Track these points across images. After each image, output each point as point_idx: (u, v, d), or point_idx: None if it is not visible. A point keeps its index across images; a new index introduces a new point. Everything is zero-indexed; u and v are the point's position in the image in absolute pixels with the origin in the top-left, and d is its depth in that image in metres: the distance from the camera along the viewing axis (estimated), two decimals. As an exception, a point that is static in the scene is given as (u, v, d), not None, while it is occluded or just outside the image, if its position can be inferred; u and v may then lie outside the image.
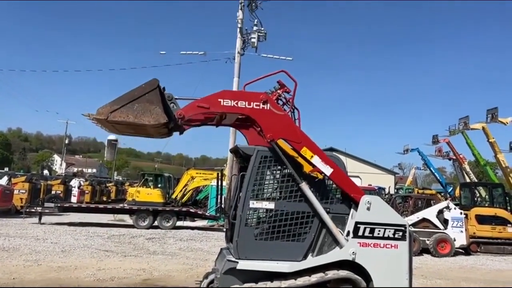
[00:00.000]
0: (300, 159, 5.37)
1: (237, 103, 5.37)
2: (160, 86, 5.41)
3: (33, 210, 19.38)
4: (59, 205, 19.85)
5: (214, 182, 20.83)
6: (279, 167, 5.54)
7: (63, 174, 43.20)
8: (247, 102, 5.38)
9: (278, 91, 6.05)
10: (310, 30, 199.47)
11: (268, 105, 5.41)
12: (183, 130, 5.75)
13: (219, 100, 5.36)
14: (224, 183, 19.19)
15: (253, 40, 21.84)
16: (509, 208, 18.16)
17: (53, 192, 26.02)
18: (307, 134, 5.53)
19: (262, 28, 22.04)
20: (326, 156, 5.45)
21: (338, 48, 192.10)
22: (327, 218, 5.30)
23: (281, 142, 5.35)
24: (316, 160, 5.35)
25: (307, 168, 5.36)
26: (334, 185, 5.55)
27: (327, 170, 5.36)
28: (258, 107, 5.39)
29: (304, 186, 5.28)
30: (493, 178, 29.67)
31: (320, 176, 5.41)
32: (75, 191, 25.26)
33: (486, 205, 18.66)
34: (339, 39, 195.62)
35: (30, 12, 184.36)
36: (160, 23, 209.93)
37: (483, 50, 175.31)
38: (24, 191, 23.08)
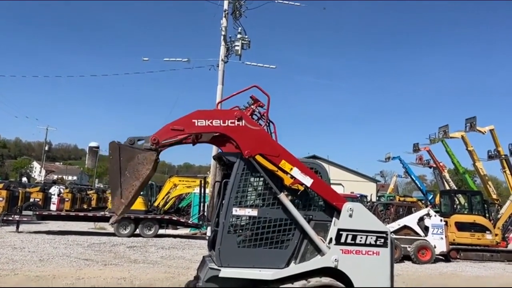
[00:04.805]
0: (280, 173, 5.38)
1: (211, 122, 5.33)
2: (119, 142, 5.42)
3: (10, 218, 18.91)
4: (37, 213, 19.39)
5: (197, 190, 20.71)
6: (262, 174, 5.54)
7: (43, 182, 42.32)
8: (221, 120, 5.35)
9: (252, 106, 6.01)
10: (294, 38, 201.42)
11: (243, 121, 5.38)
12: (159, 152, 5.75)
13: (193, 121, 5.33)
14: (207, 191, 19.16)
15: (237, 47, 21.87)
16: (487, 215, 18.54)
17: (31, 199, 25.43)
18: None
19: (246, 36, 22.11)
20: (305, 167, 5.45)
21: (321, 56, 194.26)
22: (308, 228, 5.32)
23: (259, 158, 5.33)
24: (295, 172, 5.35)
25: (287, 181, 5.37)
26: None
27: (308, 181, 5.37)
28: (233, 124, 5.35)
29: (283, 197, 5.28)
30: (472, 185, 30.22)
31: (301, 188, 5.43)
32: (54, 199, 24.68)
33: (465, 212, 19.00)
34: (323, 48, 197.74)
35: (8, 16, 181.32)
36: (143, 30, 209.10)
37: (464, 59, 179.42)
38: (1, 199, 22.49)
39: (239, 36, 22.06)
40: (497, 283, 12.58)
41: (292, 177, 5.36)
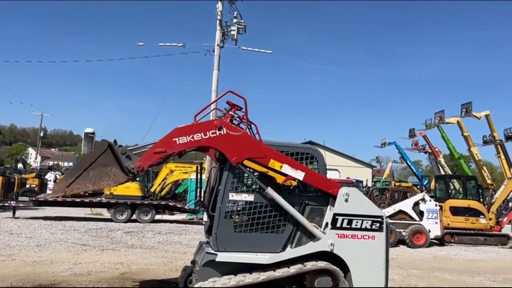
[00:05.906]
0: (271, 173, 5.37)
1: (193, 137, 5.31)
2: (112, 145, 5.37)
3: (6, 204, 18.90)
4: (33, 199, 19.38)
5: (193, 176, 20.72)
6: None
7: (38, 168, 42.24)
8: (202, 133, 5.31)
9: (230, 112, 5.94)
10: (291, 23, 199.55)
11: (224, 129, 5.34)
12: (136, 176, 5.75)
13: (174, 139, 5.30)
14: (204, 177, 19.14)
15: (232, 32, 21.65)
16: (481, 200, 18.72)
17: (27, 185, 25.43)
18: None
19: (242, 21, 21.88)
20: (295, 162, 5.44)
21: (318, 42, 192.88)
22: (300, 217, 5.33)
23: (247, 162, 5.33)
24: (286, 169, 5.33)
25: (280, 179, 5.39)
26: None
27: (300, 175, 5.37)
28: (214, 135, 5.32)
29: (271, 191, 5.27)
30: (466, 171, 30.43)
31: (295, 183, 5.43)
32: (50, 185, 24.78)
33: (460, 197, 19.20)
34: (319, 33, 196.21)
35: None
36: (138, 14, 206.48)
37: (459, 46, 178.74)
38: (-3, 185, 22.50)
39: (235, 20, 21.83)
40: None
41: (283, 174, 5.36)
